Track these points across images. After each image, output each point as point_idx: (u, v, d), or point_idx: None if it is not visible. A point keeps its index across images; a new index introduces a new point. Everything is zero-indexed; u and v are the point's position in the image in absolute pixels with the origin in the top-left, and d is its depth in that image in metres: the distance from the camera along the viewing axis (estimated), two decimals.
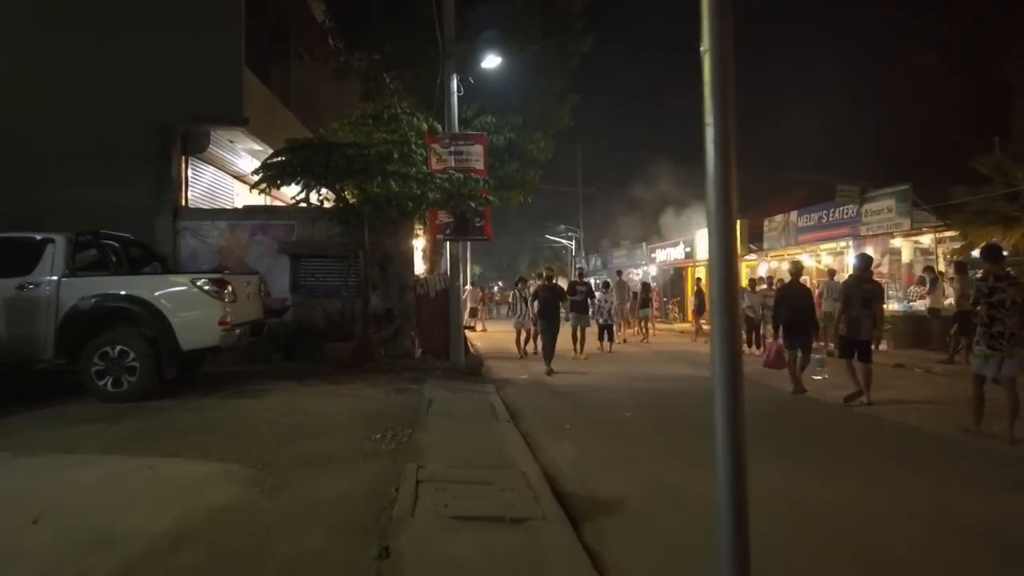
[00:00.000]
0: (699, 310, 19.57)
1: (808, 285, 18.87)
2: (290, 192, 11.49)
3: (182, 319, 8.00)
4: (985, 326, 6.65)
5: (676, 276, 30.18)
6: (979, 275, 7.43)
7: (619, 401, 9.26)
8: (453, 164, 11.87)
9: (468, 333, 16.46)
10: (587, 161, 41.20)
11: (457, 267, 12.20)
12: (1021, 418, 6.57)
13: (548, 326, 12.30)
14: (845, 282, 9.58)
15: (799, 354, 9.57)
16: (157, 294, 8.01)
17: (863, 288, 8.59)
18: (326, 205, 11.22)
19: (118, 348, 7.88)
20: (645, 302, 19.51)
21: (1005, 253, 8.58)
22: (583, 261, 46.81)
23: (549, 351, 12.17)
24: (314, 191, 10.94)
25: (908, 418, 7.88)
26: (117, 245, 8.86)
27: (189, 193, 12.29)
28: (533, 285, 14.99)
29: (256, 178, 10.91)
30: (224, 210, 12.51)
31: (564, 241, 49.40)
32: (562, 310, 13.35)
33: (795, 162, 26.36)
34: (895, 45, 28.45)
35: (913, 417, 7.92)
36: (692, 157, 30.63)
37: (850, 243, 16.68)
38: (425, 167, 11.54)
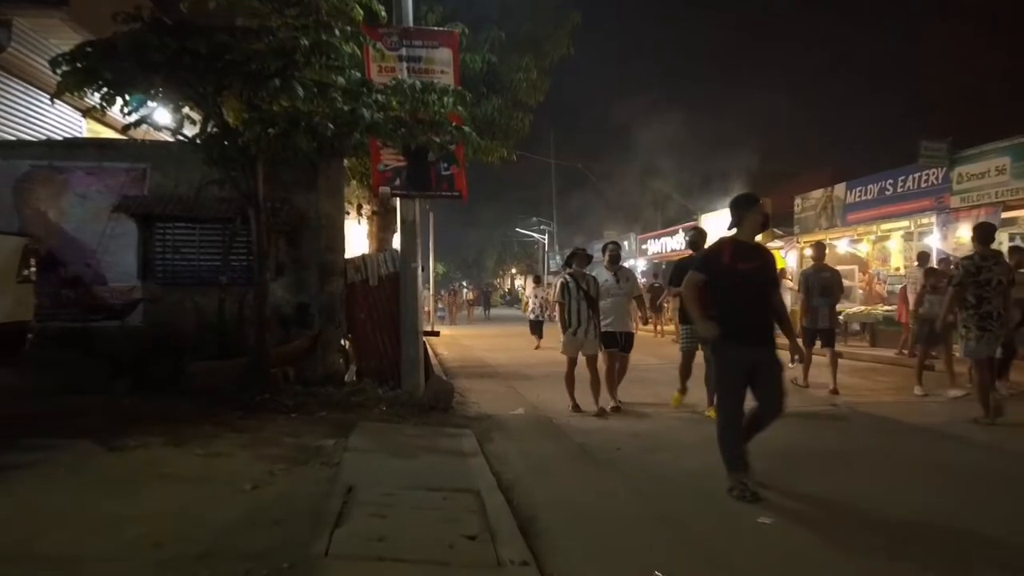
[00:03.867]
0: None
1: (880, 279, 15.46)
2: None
3: None
4: (973, 307, 6.41)
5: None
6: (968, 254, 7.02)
7: (714, 475, 4.95)
8: (406, 75, 7.51)
9: (429, 340, 12.03)
10: (580, 139, 36.75)
11: (413, 238, 7.79)
12: None
13: (734, 360, 4.38)
14: (804, 272, 9.27)
15: None
16: None
17: (821, 276, 8.48)
18: (188, 132, 6.72)
19: None
20: None
21: None
22: (557, 256, 42.70)
23: (735, 432, 4.39)
24: (164, 106, 6.47)
25: None
26: None
27: None
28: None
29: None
30: (27, 144, 7.80)
31: (536, 236, 45.20)
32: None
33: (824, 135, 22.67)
34: None
35: None
36: (701, 132, 26.72)
37: (934, 219, 12.73)
38: (359, 74, 7.12)
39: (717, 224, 21.45)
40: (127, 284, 7.35)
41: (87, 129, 9.45)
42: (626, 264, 24.68)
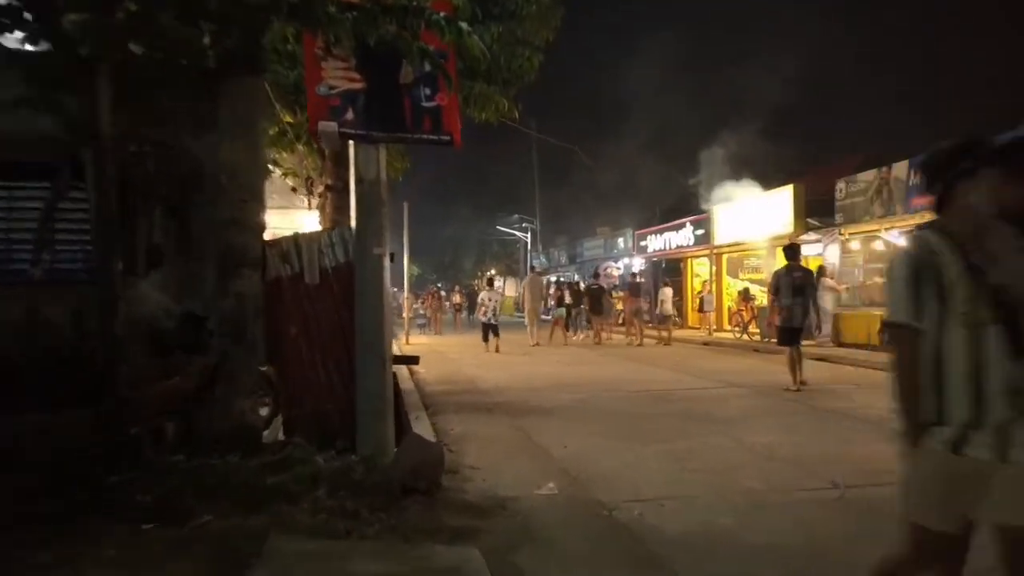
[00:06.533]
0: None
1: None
2: None
3: None
4: None
5: (675, 269, 23.52)
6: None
7: None
8: None
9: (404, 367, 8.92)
10: (570, 121, 33.90)
11: (377, 207, 4.84)
12: None
13: None
14: (775, 272, 9.30)
15: None
16: None
17: (793, 277, 8.70)
18: None
19: None
20: (560, 301, 18.77)
21: None
22: (541, 256, 39.81)
23: None
24: None
25: None
26: None
27: None
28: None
29: None
30: None
31: (518, 234, 42.30)
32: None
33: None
34: None
35: None
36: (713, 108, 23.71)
37: None
38: None
39: (730, 215, 18.88)
40: None
41: None
42: (618, 264, 21.57)
